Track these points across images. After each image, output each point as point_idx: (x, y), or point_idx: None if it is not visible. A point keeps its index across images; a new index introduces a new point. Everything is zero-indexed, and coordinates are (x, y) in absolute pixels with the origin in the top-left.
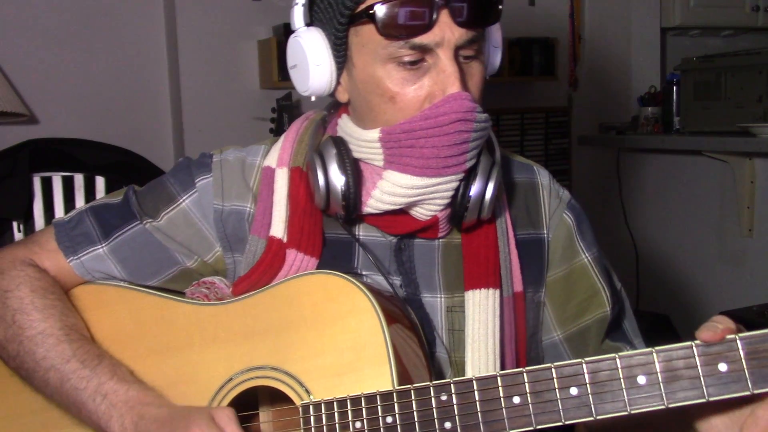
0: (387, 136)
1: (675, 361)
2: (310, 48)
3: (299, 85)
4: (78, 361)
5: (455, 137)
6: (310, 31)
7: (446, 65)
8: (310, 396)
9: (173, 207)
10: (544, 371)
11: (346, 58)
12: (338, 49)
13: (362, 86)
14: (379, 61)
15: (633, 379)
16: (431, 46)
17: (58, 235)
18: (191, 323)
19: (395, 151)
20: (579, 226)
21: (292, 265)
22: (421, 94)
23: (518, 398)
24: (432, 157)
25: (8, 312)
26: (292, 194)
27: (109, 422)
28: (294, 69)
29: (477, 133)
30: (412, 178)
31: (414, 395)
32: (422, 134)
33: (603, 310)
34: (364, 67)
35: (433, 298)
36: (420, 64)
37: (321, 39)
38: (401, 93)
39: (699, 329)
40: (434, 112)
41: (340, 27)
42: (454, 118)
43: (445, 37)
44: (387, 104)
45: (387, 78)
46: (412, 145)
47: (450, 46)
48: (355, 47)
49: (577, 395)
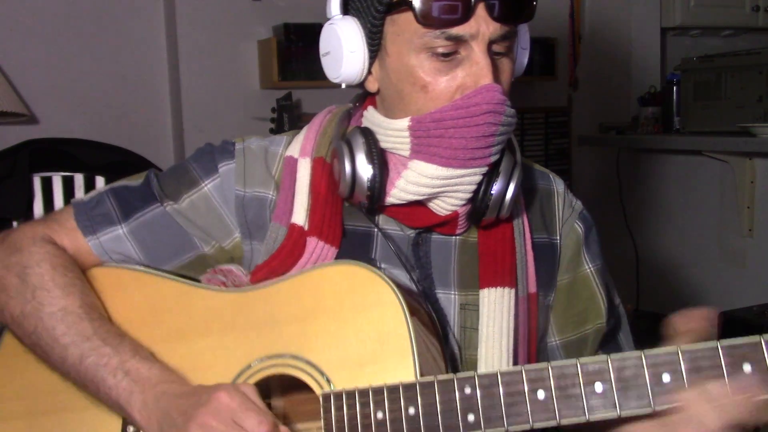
0: (417, 125)
1: (700, 360)
2: (346, 35)
3: (331, 72)
4: (99, 339)
5: (484, 129)
6: (345, 19)
7: (479, 57)
8: (331, 385)
9: (195, 191)
10: (569, 367)
11: (379, 47)
12: (373, 38)
13: (394, 75)
14: (413, 51)
15: (658, 377)
16: (466, 37)
17: (78, 215)
18: (210, 309)
19: (423, 140)
20: (587, 237)
21: (313, 253)
22: (453, 84)
23: (542, 393)
24: (460, 147)
25: (28, 288)
26: (314, 184)
27: (130, 398)
28: (327, 56)
29: (504, 127)
30: (438, 168)
31: (437, 387)
32: (452, 124)
33: (600, 321)
34: (398, 56)
35: (446, 294)
36: (453, 56)
37: (356, 27)
38: (433, 82)
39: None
40: (466, 102)
41: (378, 15)
42: (485, 109)
43: (480, 30)
44: (419, 93)
45: (420, 67)
46: (441, 135)
47: (484, 40)
48: (390, 36)
49: (602, 392)
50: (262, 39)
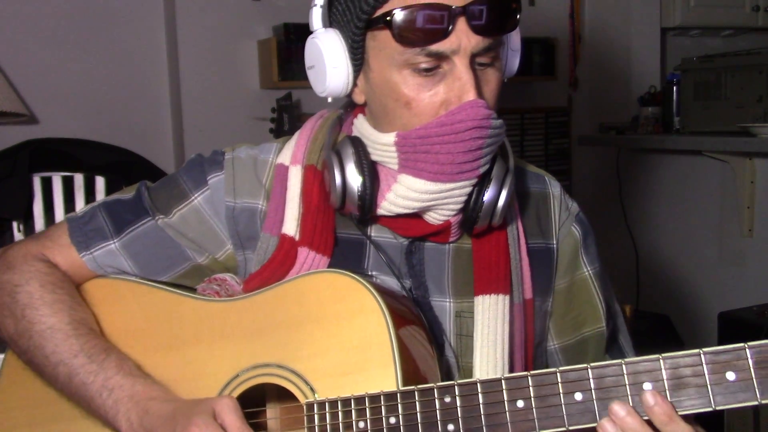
0: (402, 141)
1: (682, 368)
2: (328, 50)
3: (317, 86)
4: (86, 356)
5: (470, 144)
6: (327, 33)
7: (462, 73)
8: (315, 395)
9: (185, 204)
10: (549, 375)
11: (363, 62)
12: (355, 52)
13: (378, 90)
14: (395, 67)
15: (638, 385)
16: (447, 53)
17: (72, 230)
18: (199, 319)
19: (410, 156)
20: (585, 240)
21: (304, 263)
22: (437, 100)
23: (522, 402)
24: (447, 163)
25: (18, 307)
26: (305, 192)
27: (116, 417)
28: (311, 70)
29: (491, 140)
30: (426, 183)
31: (418, 396)
32: (437, 140)
33: (600, 325)
34: (380, 72)
35: (442, 302)
36: (435, 71)
37: (338, 41)
38: (417, 99)
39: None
40: (450, 119)
41: (357, 31)
42: (470, 125)
43: (462, 45)
44: (402, 109)
45: (403, 83)
46: (428, 150)
47: (466, 54)
48: (372, 51)
49: (582, 401)
50: (262, 39)
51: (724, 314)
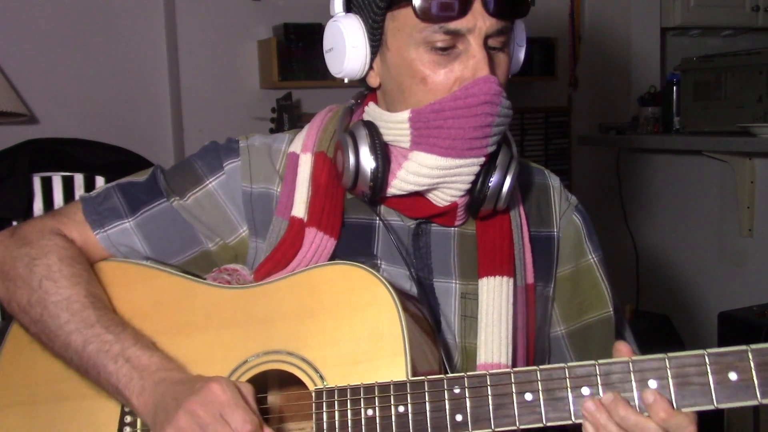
0: (416, 116)
1: (687, 367)
2: (348, 31)
3: (334, 68)
4: (102, 327)
5: (482, 119)
6: (347, 16)
7: (476, 51)
8: (324, 382)
9: (200, 188)
10: (557, 370)
11: (380, 43)
12: (374, 33)
13: (395, 69)
14: (412, 45)
15: (644, 382)
16: (463, 32)
17: (86, 209)
18: (211, 305)
19: (423, 131)
20: (587, 229)
21: (312, 244)
22: (451, 77)
23: (530, 395)
24: (458, 138)
25: (35, 278)
26: (314, 176)
27: (129, 384)
28: (330, 52)
29: (500, 119)
30: (437, 159)
31: (427, 387)
32: (450, 114)
33: (606, 310)
34: (398, 51)
35: (447, 283)
36: (451, 50)
37: (358, 23)
38: (432, 75)
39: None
40: (464, 93)
41: (379, 11)
42: (482, 99)
43: (477, 25)
44: (418, 86)
45: (419, 61)
46: (440, 125)
47: (480, 34)
48: (391, 31)
49: (589, 395)
50: (262, 39)
51: (724, 314)
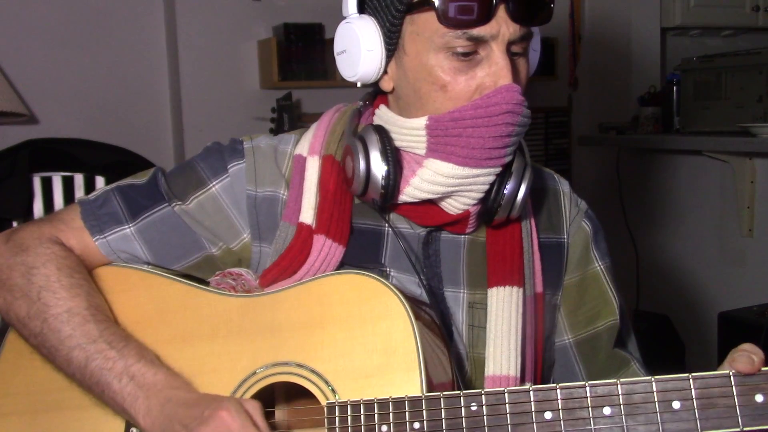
0: (435, 124)
1: (711, 389)
2: (363, 34)
3: (346, 71)
4: (105, 342)
5: (502, 129)
6: (362, 18)
7: (499, 58)
8: (336, 396)
9: (203, 191)
10: (578, 389)
11: (397, 47)
12: (391, 37)
13: (412, 75)
14: (432, 50)
15: (668, 403)
16: (486, 38)
17: (84, 214)
18: (217, 313)
19: (441, 139)
20: (595, 236)
21: (321, 252)
22: (473, 84)
23: (550, 414)
24: (477, 147)
25: (33, 289)
26: (322, 182)
27: (135, 403)
28: (342, 54)
29: (520, 128)
30: (454, 168)
31: (444, 403)
32: (471, 123)
33: (613, 318)
34: (416, 56)
35: (455, 292)
36: (472, 57)
37: (373, 26)
38: (453, 82)
39: (733, 359)
40: (485, 102)
41: (397, 14)
42: (504, 108)
43: (501, 31)
44: (437, 93)
45: (439, 67)
46: (459, 134)
47: (504, 40)
48: (409, 35)
49: (610, 415)
50: (262, 39)
51: (724, 314)
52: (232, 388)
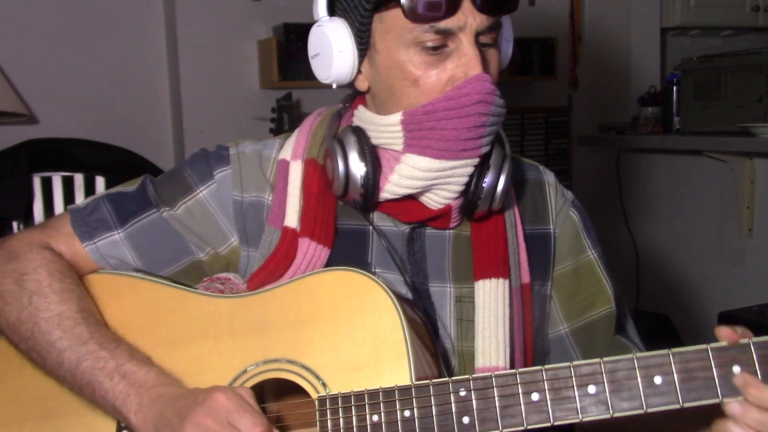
0: (409, 118)
1: (691, 362)
2: (334, 35)
3: (321, 74)
4: (96, 343)
5: (475, 119)
6: (332, 20)
7: (468, 49)
8: (327, 389)
9: (190, 197)
10: (563, 369)
11: (368, 45)
12: (361, 36)
13: (385, 72)
14: (402, 46)
15: (650, 379)
16: (454, 30)
17: (74, 221)
18: (206, 315)
19: (416, 133)
20: (584, 224)
21: (306, 254)
22: (444, 77)
23: (537, 395)
24: (452, 139)
25: (24, 294)
26: (306, 185)
27: (126, 401)
28: (316, 58)
29: (494, 118)
30: (431, 161)
31: (433, 390)
32: (444, 115)
33: (609, 306)
34: (387, 53)
35: (442, 287)
36: (442, 50)
37: (344, 27)
38: (424, 76)
39: (718, 327)
40: (457, 93)
41: (365, 13)
42: (476, 99)
43: (467, 22)
44: (410, 88)
45: (410, 62)
46: (433, 127)
47: (471, 31)
48: (379, 33)
49: (595, 393)
50: (262, 39)
51: (724, 314)
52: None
